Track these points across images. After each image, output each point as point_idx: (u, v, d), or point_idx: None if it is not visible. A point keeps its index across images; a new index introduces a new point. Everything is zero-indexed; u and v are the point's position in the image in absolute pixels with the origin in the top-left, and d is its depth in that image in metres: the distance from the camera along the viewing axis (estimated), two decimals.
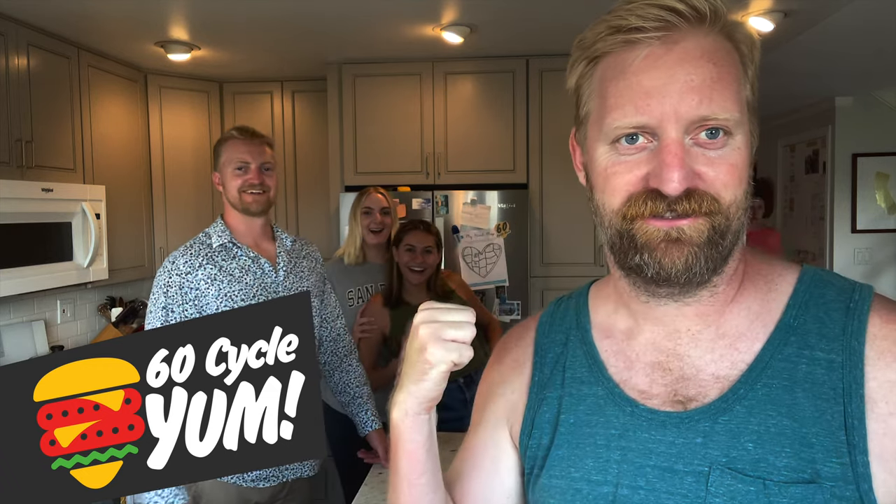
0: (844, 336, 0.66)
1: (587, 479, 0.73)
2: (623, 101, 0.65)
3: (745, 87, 0.67)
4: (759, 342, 0.69)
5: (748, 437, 0.65)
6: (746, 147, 0.66)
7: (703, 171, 0.64)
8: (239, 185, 1.95)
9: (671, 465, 0.68)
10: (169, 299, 1.85)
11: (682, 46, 0.64)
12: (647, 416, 0.71)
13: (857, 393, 0.63)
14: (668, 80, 0.63)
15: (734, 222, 0.66)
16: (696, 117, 0.63)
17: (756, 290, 0.72)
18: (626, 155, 0.66)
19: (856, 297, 0.68)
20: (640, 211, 0.65)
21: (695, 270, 0.65)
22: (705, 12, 0.64)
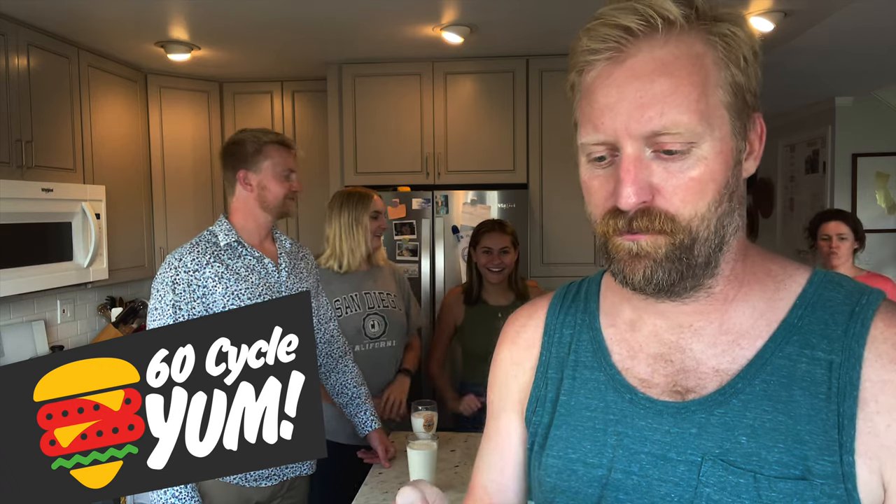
0: (846, 338, 0.66)
1: (583, 460, 0.75)
2: (585, 119, 0.68)
3: (717, 91, 0.65)
4: (761, 339, 0.70)
5: (742, 431, 0.66)
6: (719, 154, 0.65)
7: (660, 186, 0.65)
8: (285, 191, 2.03)
9: (665, 454, 0.70)
10: (177, 296, 1.85)
11: (630, 63, 0.65)
12: (646, 403, 0.72)
13: (852, 394, 0.64)
14: (619, 98, 0.65)
15: (702, 233, 0.66)
16: (648, 132, 0.63)
17: (763, 290, 0.72)
18: (598, 169, 0.69)
19: (862, 302, 0.68)
20: (608, 228, 0.68)
21: (655, 282, 0.67)
22: (657, 23, 0.64)
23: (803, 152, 5.37)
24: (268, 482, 1.93)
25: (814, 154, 5.21)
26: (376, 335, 2.54)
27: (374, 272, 2.62)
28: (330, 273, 2.53)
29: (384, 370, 2.56)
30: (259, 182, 2.01)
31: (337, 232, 2.55)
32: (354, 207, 2.55)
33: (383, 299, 2.58)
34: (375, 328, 2.54)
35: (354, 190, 2.63)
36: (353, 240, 2.53)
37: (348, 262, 2.53)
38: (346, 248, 2.53)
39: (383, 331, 2.56)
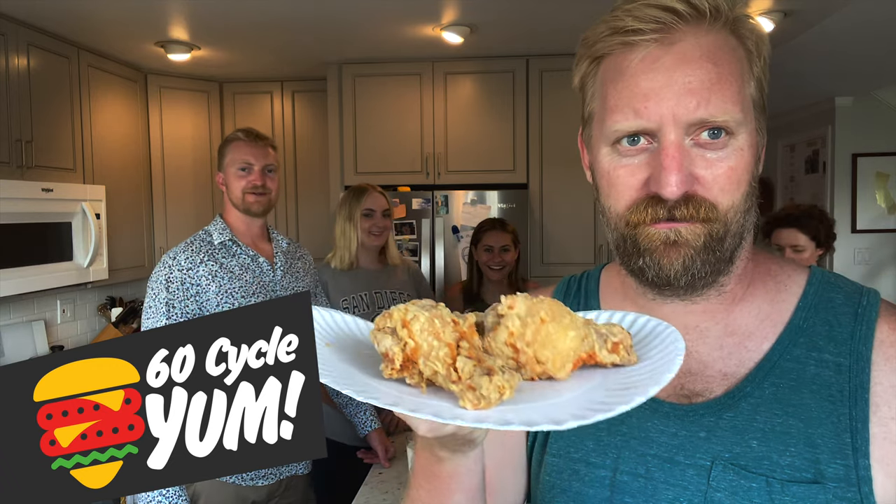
0: (853, 340, 0.66)
1: (585, 460, 0.73)
2: (622, 104, 0.65)
3: (749, 85, 0.66)
4: (767, 342, 0.69)
5: (753, 435, 0.66)
6: (750, 147, 0.65)
7: (701, 175, 0.64)
8: (242, 185, 1.99)
9: (672, 457, 0.68)
10: (171, 294, 1.85)
11: (680, 47, 0.63)
12: (652, 405, 0.71)
13: (863, 397, 0.64)
14: (666, 83, 0.63)
15: (733, 226, 0.65)
16: (695, 120, 0.62)
17: (766, 290, 0.72)
18: (627, 157, 0.66)
19: (864, 303, 0.69)
20: (642, 217, 0.65)
21: (692, 272, 0.65)
22: (705, 10, 0.63)
23: (803, 152, 5.37)
24: (264, 481, 1.94)
25: (814, 154, 5.21)
26: None
27: (387, 271, 2.56)
28: (336, 271, 2.48)
29: None
30: (224, 180, 2.03)
31: (336, 229, 2.51)
32: (349, 204, 2.49)
33: (395, 299, 2.52)
34: None
35: (357, 186, 2.57)
36: (345, 240, 2.48)
37: (340, 259, 2.47)
38: (340, 245, 2.49)
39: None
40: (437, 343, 0.48)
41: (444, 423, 0.48)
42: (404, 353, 0.48)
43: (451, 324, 0.49)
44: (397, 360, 0.49)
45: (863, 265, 4.97)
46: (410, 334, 0.49)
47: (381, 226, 2.50)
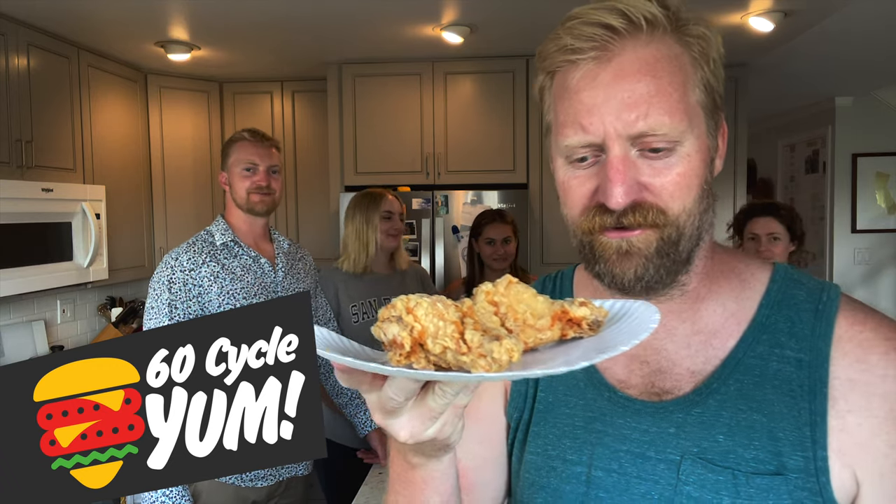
0: (813, 337, 0.69)
1: (562, 457, 0.76)
2: (570, 120, 0.67)
3: (695, 91, 0.67)
4: (732, 339, 0.72)
5: (719, 430, 0.68)
6: (698, 152, 0.66)
7: (649, 182, 0.65)
8: (247, 185, 1.99)
9: (644, 452, 0.71)
10: (173, 295, 1.85)
11: (618, 62, 0.65)
12: (625, 402, 0.73)
13: (822, 391, 0.67)
14: (605, 98, 0.64)
15: (687, 228, 0.67)
16: (636, 132, 0.64)
17: (730, 288, 0.74)
18: (579, 168, 0.68)
19: (824, 299, 0.71)
20: (592, 226, 0.67)
21: (646, 279, 0.68)
22: (640, 23, 0.64)
23: (803, 152, 5.37)
24: (264, 482, 1.94)
25: (814, 154, 5.21)
26: None
27: (396, 276, 2.55)
28: (347, 276, 2.46)
29: None
30: (228, 179, 2.03)
31: (349, 232, 2.49)
32: (366, 208, 2.48)
33: None
34: None
35: (370, 191, 2.57)
36: (362, 243, 2.46)
37: (354, 262, 2.45)
38: (356, 248, 2.47)
39: None
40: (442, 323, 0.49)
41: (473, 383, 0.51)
42: (412, 336, 0.50)
43: (453, 306, 0.51)
44: (407, 344, 0.49)
45: (863, 265, 4.97)
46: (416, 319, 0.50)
47: (399, 228, 2.53)
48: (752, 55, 3.78)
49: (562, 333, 0.56)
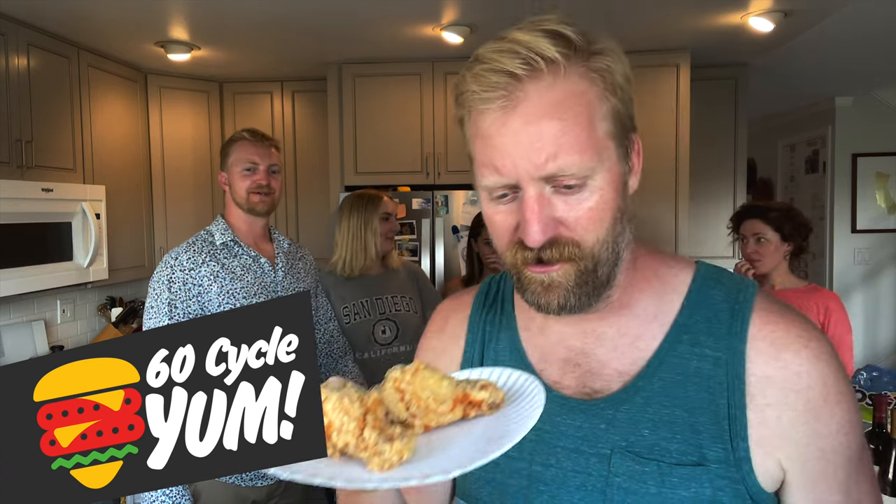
0: (729, 336, 0.73)
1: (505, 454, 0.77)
2: (485, 161, 0.70)
3: (602, 124, 0.69)
4: (656, 341, 0.76)
5: (645, 425, 0.73)
6: (610, 182, 0.70)
7: (563, 218, 0.69)
8: (247, 185, 1.99)
9: (578, 447, 0.75)
10: (173, 294, 1.85)
11: (524, 108, 0.67)
12: (560, 401, 0.78)
13: (739, 388, 0.71)
14: (515, 144, 0.67)
15: (603, 255, 0.71)
16: (546, 174, 0.67)
17: (652, 293, 0.78)
18: (500, 204, 0.72)
19: (740, 299, 0.75)
20: (516, 260, 0.72)
21: (569, 307, 0.72)
22: (541, 67, 0.66)
23: (803, 152, 5.37)
24: (263, 482, 1.94)
25: (814, 154, 5.22)
26: (387, 340, 2.46)
27: (388, 275, 2.54)
28: (338, 278, 2.45)
29: None
30: (228, 179, 2.03)
31: (345, 235, 2.46)
32: (364, 210, 2.45)
33: (396, 303, 2.50)
34: (386, 333, 2.46)
35: (364, 192, 2.54)
36: (361, 243, 2.43)
37: (351, 265, 2.44)
38: (351, 251, 2.44)
39: (395, 336, 2.47)
40: (346, 418, 0.57)
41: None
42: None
43: (358, 401, 0.58)
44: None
45: (863, 265, 4.97)
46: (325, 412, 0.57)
47: (396, 229, 2.54)
48: (752, 55, 3.78)
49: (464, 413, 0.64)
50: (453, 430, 0.64)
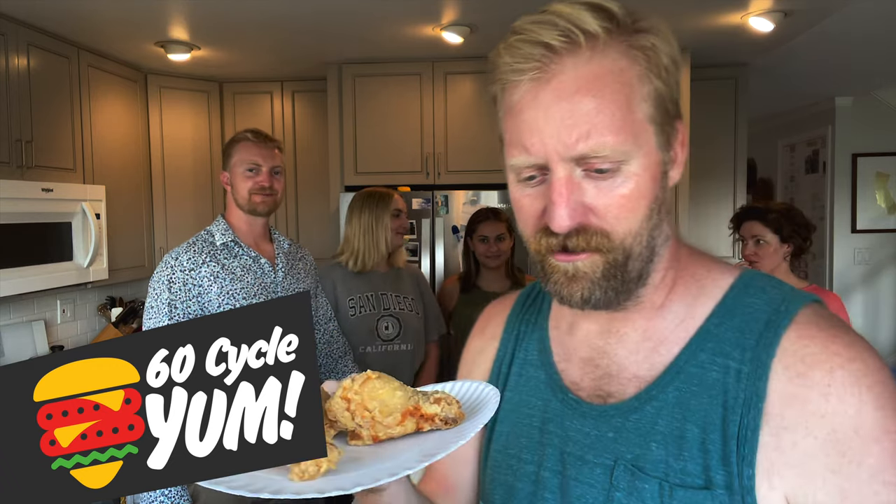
0: (757, 347, 0.65)
1: (518, 456, 0.77)
2: (514, 140, 0.67)
3: (642, 106, 0.65)
4: (678, 346, 0.70)
5: (654, 438, 0.67)
6: (647, 169, 0.65)
7: (593, 205, 0.64)
8: (250, 186, 1.99)
9: (584, 455, 0.71)
10: (173, 294, 1.85)
11: (557, 82, 0.63)
12: (574, 405, 0.74)
13: (756, 406, 0.63)
14: (546, 120, 0.63)
15: (635, 249, 0.66)
16: (577, 155, 0.63)
17: (685, 295, 0.73)
18: (528, 187, 0.68)
19: (781, 309, 0.67)
20: (541, 247, 0.68)
21: (593, 301, 0.68)
22: (579, 40, 0.62)
23: (803, 152, 5.37)
24: None
25: (814, 154, 5.21)
26: (390, 337, 2.47)
27: (393, 274, 2.56)
28: (346, 272, 2.47)
29: (399, 375, 2.46)
30: (230, 179, 2.03)
31: (356, 230, 2.47)
32: (376, 206, 2.47)
33: (399, 302, 2.52)
34: (389, 329, 2.47)
35: (375, 190, 2.56)
36: (372, 238, 2.45)
37: (364, 260, 2.45)
38: (364, 246, 2.46)
39: (398, 333, 2.48)
40: None
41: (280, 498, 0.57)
42: None
43: None
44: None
45: (863, 265, 4.97)
46: None
47: (406, 226, 2.58)
48: (752, 55, 3.78)
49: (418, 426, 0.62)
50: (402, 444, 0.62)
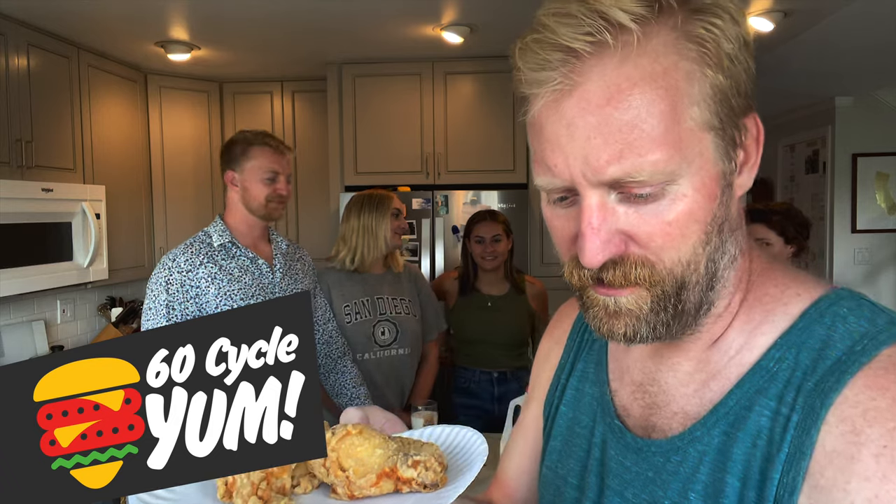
0: (814, 392, 0.54)
1: (565, 478, 0.73)
2: (539, 157, 0.57)
3: (692, 111, 0.53)
4: (730, 383, 0.60)
5: (693, 488, 0.59)
6: (700, 189, 0.54)
7: (633, 233, 0.54)
8: (268, 193, 2.01)
9: (622, 491, 0.65)
10: (171, 296, 1.86)
11: (582, 92, 0.52)
12: (619, 433, 0.68)
13: (799, 464, 0.53)
14: (569, 138, 0.53)
15: (691, 277, 0.56)
16: (608, 180, 0.52)
17: (748, 321, 0.61)
18: (559, 208, 0.59)
19: (857, 348, 0.54)
20: (572, 278, 0.59)
21: (639, 338, 0.58)
22: (607, 39, 0.51)
23: (803, 152, 5.37)
24: None
25: (814, 154, 5.22)
26: (387, 342, 2.45)
27: (389, 276, 2.54)
28: (342, 274, 2.45)
29: (398, 379, 2.48)
30: (242, 183, 2.02)
31: (356, 229, 2.45)
32: (376, 208, 2.46)
33: (396, 305, 2.50)
34: (386, 335, 2.45)
35: (374, 191, 2.56)
36: (372, 237, 2.43)
37: (362, 256, 2.43)
38: (362, 242, 2.44)
39: (394, 338, 2.46)
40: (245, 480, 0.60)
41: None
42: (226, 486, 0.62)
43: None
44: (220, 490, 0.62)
45: (863, 265, 4.97)
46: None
47: (405, 227, 2.56)
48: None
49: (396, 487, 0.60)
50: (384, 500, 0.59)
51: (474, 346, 2.71)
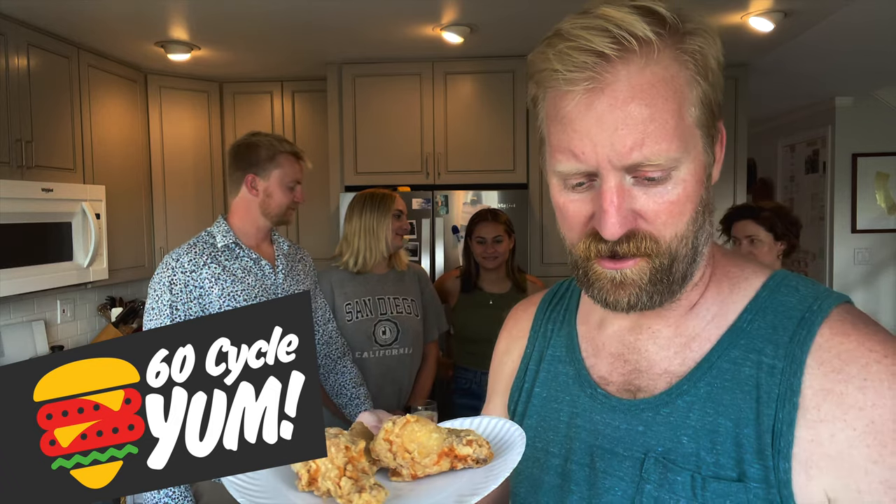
0: (791, 344, 0.66)
1: (546, 449, 0.80)
2: (563, 146, 0.66)
3: (691, 111, 0.65)
4: (710, 343, 0.71)
5: (684, 431, 0.69)
6: (693, 174, 0.66)
7: (643, 210, 0.65)
8: (288, 201, 2.05)
9: (613, 448, 0.73)
10: (174, 296, 1.85)
11: (611, 91, 0.63)
12: (602, 399, 0.76)
13: (791, 400, 0.64)
14: (599, 129, 0.63)
15: (681, 251, 0.67)
16: (630, 163, 0.63)
17: (718, 293, 0.74)
18: (574, 193, 0.68)
19: (814, 308, 0.68)
20: (588, 253, 0.68)
21: (639, 306, 0.69)
22: (634, 48, 0.62)
23: (803, 152, 5.37)
24: None
25: (814, 154, 5.22)
26: (387, 342, 2.44)
27: (392, 275, 2.53)
28: (345, 274, 2.45)
29: (398, 379, 2.48)
30: (266, 189, 2.02)
31: (357, 230, 2.45)
32: (377, 208, 2.46)
33: (398, 304, 2.49)
34: (386, 334, 2.44)
35: (376, 191, 2.55)
36: (374, 238, 2.43)
37: (364, 259, 2.43)
38: (365, 245, 2.44)
39: (395, 337, 2.45)
40: (330, 465, 0.63)
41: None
42: (309, 473, 0.63)
43: (344, 450, 0.63)
44: (304, 479, 0.64)
45: (863, 265, 4.97)
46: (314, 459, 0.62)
47: (407, 227, 2.56)
48: (752, 55, 3.78)
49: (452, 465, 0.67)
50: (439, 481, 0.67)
51: (476, 344, 2.70)
